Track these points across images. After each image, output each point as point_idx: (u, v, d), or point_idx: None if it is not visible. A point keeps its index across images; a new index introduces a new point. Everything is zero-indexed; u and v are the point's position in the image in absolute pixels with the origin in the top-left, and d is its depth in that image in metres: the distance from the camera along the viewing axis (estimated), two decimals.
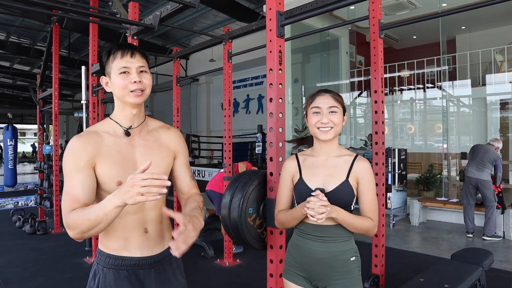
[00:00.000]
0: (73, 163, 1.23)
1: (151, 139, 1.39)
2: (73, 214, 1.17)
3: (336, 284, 1.53)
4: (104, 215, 1.11)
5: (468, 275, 2.71)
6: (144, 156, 1.33)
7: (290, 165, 1.64)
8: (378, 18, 2.81)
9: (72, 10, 3.13)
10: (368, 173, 1.54)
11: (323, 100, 1.55)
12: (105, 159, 1.26)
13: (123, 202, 1.08)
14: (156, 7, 9.60)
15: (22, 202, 8.34)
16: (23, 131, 39.50)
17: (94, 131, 1.31)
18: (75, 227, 1.15)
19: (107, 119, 1.38)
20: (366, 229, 1.52)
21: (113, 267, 1.30)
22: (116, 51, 1.30)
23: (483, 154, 5.27)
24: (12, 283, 3.79)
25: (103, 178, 1.26)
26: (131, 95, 1.29)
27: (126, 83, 1.28)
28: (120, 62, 1.29)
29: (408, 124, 9.87)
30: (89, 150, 1.25)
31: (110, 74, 1.32)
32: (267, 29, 1.93)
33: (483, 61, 8.21)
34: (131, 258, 1.31)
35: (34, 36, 12.48)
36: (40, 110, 6.88)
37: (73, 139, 1.28)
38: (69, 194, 1.21)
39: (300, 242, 1.59)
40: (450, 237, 5.47)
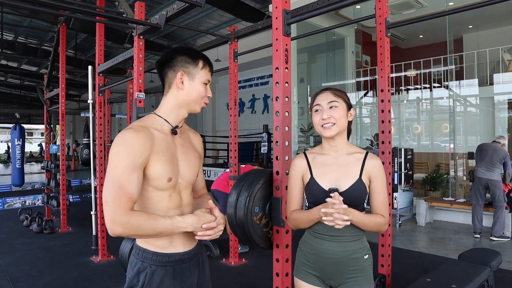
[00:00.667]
0: (131, 159, 1.22)
1: (186, 140, 1.48)
2: (136, 216, 1.18)
3: (350, 282, 1.53)
4: (170, 231, 1.26)
5: (476, 275, 2.69)
6: (184, 155, 1.41)
7: (299, 163, 1.63)
8: (385, 17, 2.79)
9: (79, 10, 3.15)
10: (380, 171, 1.54)
11: (323, 97, 1.56)
12: (159, 157, 1.29)
13: (194, 230, 1.29)
14: (162, 7, 9.63)
15: (29, 201, 8.41)
16: (30, 131, 39.84)
17: (145, 127, 1.31)
18: (133, 228, 1.18)
19: (153, 115, 1.39)
20: (378, 227, 1.53)
21: (160, 264, 1.33)
22: (208, 63, 1.43)
23: (491, 154, 5.22)
24: (20, 281, 3.82)
25: (155, 175, 1.29)
26: (200, 105, 1.43)
27: (204, 94, 1.41)
28: (208, 74, 1.42)
29: (415, 124, 9.81)
30: (147, 147, 1.26)
31: (193, 77, 1.39)
32: (273, 28, 1.92)
33: (490, 60, 8.14)
34: (176, 254, 1.36)
35: (42, 36, 12.59)
36: (47, 110, 6.93)
37: (129, 133, 1.25)
38: (123, 190, 1.19)
39: (314, 242, 1.57)
40: (457, 238, 5.43)
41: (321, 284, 1.58)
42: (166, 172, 1.30)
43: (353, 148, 1.60)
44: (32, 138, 41.19)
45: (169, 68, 1.39)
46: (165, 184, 1.31)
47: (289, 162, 1.92)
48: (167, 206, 1.34)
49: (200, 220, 1.29)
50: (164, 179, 1.30)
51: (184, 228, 1.27)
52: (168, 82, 1.40)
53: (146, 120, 1.37)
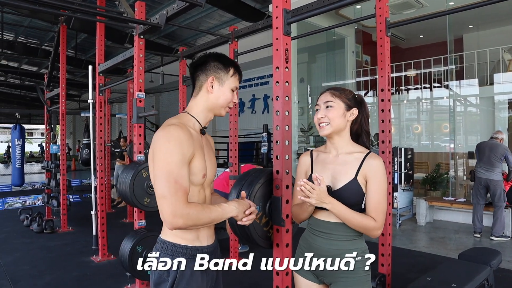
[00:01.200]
0: (181, 154, 1.29)
1: (207, 141, 1.56)
2: (194, 208, 1.27)
3: (340, 282, 1.53)
4: (221, 218, 1.36)
5: (476, 274, 2.69)
6: (208, 154, 1.48)
7: (304, 161, 1.70)
8: (385, 16, 2.79)
9: (79, 10, 3.15)
10: (378, 172, 1.49)
11: (322, 97, 1.60)
12: (199, 153, 1.38)
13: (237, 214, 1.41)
14: (162, 7, 9.64)
15: (29, 201, 8.41)
16: (30, 131, 39.84)
17: (183, 124, 1.38)
18: (194, 219, 1.26)
19: (186, 114, 1.47)
20: (365, 228, 1.47)
21: (190, 257, 1.40)
22: (238, 71, 1.52)
23: (489, 153, 5.20)
24: (20, 281, 3.82)
25: (194, 169, 1.36)
26: (226, 109, 1.52)
27: (231, 100, 1.50)
28: (236, 82, 1.51)
29: (415, 123, 9.81)
30: (191, 143, 1.33)
31: (223, 82, 1.46)
32: (273, 27, 1.92)
33: (491, 60, 8.14)
34: (202, 248, 1.43)
35: (42, 36, 12.59)
36: (47, 110, 6.93)
37: (175, 128, 1.31)
38: (178, 184, 1.26)
39: (310, 238, 1.61)
40: (457, 237, 5.43)
41: (316, 280, 1.60)
42: (203, 168, 1.39)
43: (355, 148, 1.58)
44: (32, 138, 41.19)
45: (201, 71, 1.46)
46: (199, 180, 1.39)
47: (289, 161, 1.92)
48: (196, 200, 1.40)
49: (240, 205, 1.41)
50: (200, 174, 1.39)
51: (231, 212, 1.38)
52: (199, 85, 1.47)
53: (182, 118, 1.44)
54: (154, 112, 3.31)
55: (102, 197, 4.50)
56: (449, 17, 7.42)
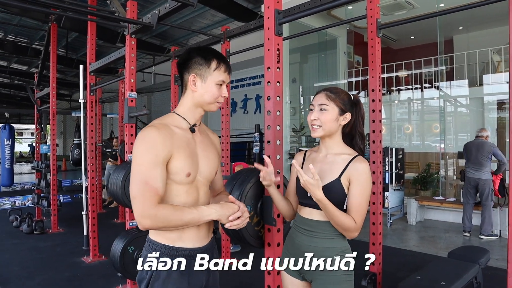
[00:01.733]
0: (153, 155, 1.27)
1: (206, 138, 1.52)
2: (163, 209, 1.25)
3: (318, 280, 1.55)
4: (197, 221, 1.32)
5: (465, 272, 2.73)
6: (203, 152, 1.46)
7: (297, 159, 1.73)
8: (376, 18, 2.82)
9: (70, 9, 3.13)
10: (361, 176, 1.50)
11: (317, 98, 1.60)
12: (179, 152, 1.34)
13: (218, 217, 1.34)
14: (154, 6, 9.60)
15: (19, 201, 8.32)
16: (20, 131, 39.36)
17: (166, 124, 1.37)
18: (161, 221, 1.24)
19: (173, 114, 1.45)
20: (345, 227, 1.48)
21: (168, 257, 1.36)
22: (223, 63, 1.43)
23: (476, 152, 5.25)
24: (10, 283, 3.78)
25: (175, 169, 1.33)
26: (215, 105, 1.46)
27: (218, 95, 1.44)
28: (222, 75, 1.43)
29: (406, 124, 9.89)
30: (168, 144, 1.31)
31: (205, 78, 1.41)
32: (265, 27, 1.93)
33: (480, 61, 8.24)
34: (185, 249, 1.38)
35: (32, 35, 12.44)
36: (37, 109, 6.86)
37: (151, 130, 1.31)
38: (148, 185, 1.25)
39: (293, 235, 1.65)
40: (447, 236, 5.49)
41: (299, 277, 1.63)
42: (186, 167, 1.35)
43: (345, 150, 1.60)
44: (22, 138, 40.70)
45: (185, 70, 1.43)
46: (183, 178, 1.36)
47: (280, 161, 1.93)
48: (184, 201, 1.37)
49: (223, 207, 1.35)
50: (183, 173, 1.35)
51: (210, 215, 1.32)
52: (185, 83, 1.45)
53: (166, 118, 1.43)
54: (145, 111, 3.30)
55: (93, 197, 4.48)
56: (439, 18, 7.50)
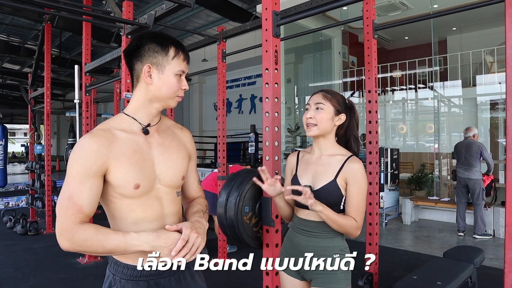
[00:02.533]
0: (83, 167, 1.10)
1: (168, 138, 1.30)
2: (82, 231, 1.07)
3: (317, 279, 1.57)
4: (123, 250, 1.09)
5: (460, 272, 2.75)
6: (163, 155, 1.25)
7: (291, 160, 1.73)
8: (372, 19, 2.84)
9: (65, 9, 3.11)
10: (357, 175, 1.53)
11: (314, 97, 1.61)
12: (121, 161, 1.14)
13: (152, 249, 1.10)
14: (149, 6, 9.56)
15: (12, 202, 8.24)
16: (12, 131, 39.02)
17: (107, 129, 1.18)
18: (78, 244, 1.07)
19: (121, 114, 1.24)
20: (348, 229, 1.52)
21: (132, 278, 1.20)
22: (181, 50, 1.24)
23: (465, 153, 5.28)
24: (4, 284, 3.75)
25: (118, 182, 1.14)
26: (175, 100, 1.25)
27: (178, 87, 1.23)
28: (181, 64, 1.23)
29: (400, 124, 9.96)
30: (103, 153, 1.12)
31: (162, 68, 1.20)
32: (263, 29, 1.94)
33: (473, 62, 8.32)
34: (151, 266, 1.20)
35: (24, 34, 12.34)
36: (31, 109, 6.81)
37: (85, 138, 1.14)
38: (72, 201, 1.09)
39: (291, 235, 1.66)
40: (441, 236, 5.53)
41: (298, 277, 1.64)
42: (131, 177, 1.15)
43: (339, 150, 1.61)
44: (14, 138, 40.35)
45: (136, 59, 1.22)
46: (132, 192, 1.15)
47: (278, 162, 1.94)
48: (142, 217, 1.19)
49: (159, 238, 1.10)
50: (129, 185, 1.15)
51: (139, 246, 1.09)
52: (136, 75, 1.23)
53: (112, 121, 1.23)
54: None
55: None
56: (433, 19, 7.55)
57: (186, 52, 1.26)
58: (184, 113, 15.73)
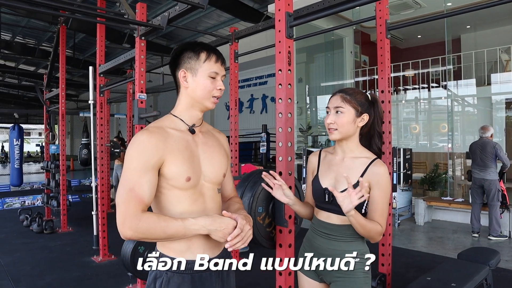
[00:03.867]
0: (142, 161, 1.19)
1: (210, 138, 1.41)
2: (145, 219, 1.15)
3: (337, 282, 1.56)
4: (183, 234, 1.19)
5: (475, 274, 2.72)
6: (206, 154, 1.35)
7: (312, 160, 1.73)
8: (385, 19, 2.82)
9: (79, 11, 3.16)
10: (382, 180, 1.50)
11: (333, 100, 1.58)
12: (175, 155, 1.25)
13: (208, 233, 1.21)
14: (161, 7, 9.64)
15: (28, 201, 8.40)
16: (28, 131, 39.70)
17: (161, 127, 1.29)
18: (142, 231, 1.14)
19: (169, 115, 1.36)
20: (373, 234, 1.48)
21: (177, 271, 1.26)
22: (213, 53, 1.32)
23: (480, 153, 5.19)
24: (21, 281, 3.83)
25: (172, 174, 1.24)
26: (211, 100, 1.34)
27: (212, 88, 1.32)
28: (213, 66, 1.32)
29: (413, 123, 9.86)
30: (160, 148, 1.22)
31: (195, 72, 1.31)
32: (276, 30, 1.94)
33: (488, 60, 8.19)
34: (195, 261, 1.28)
35: (40, 36, 12.56)
36: (47, 110, 6.93)
37: (142, 134, 1.23)
38: (134, 192, 1.17)
39: (311, 237, 1.65)
40: (455, 237, 5.47)
41: (318, 279, 1.64)
42: (184, 170, 1.26)
43: (363, 153, 1.58)
44: (30, 138, 41.06)
45: (176, 67, 1.35)
46: (183, 184, 1.26)
47: (292, 163, 1.94)
48: (188, 208, 1.28)
49: (215, 222, 1.21)
50: (182, 178, 1.25)
51: (197, 230, 1.19)
52: (178, 82, 1.36)
53: (163, 121, 1.34)
54: (155, 113, 3.32)
55: (102, 197, 4.51)
56: (447, 18, 7.45)
57: (219, 55, 1.34)
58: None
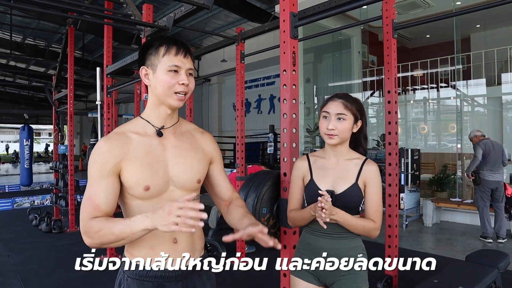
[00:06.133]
0: (98, 168, 1.16)
1: (185, 140, 1.31)
2: (94, 223, 1.12)
3: (342, 280, 1.57)
4: (130, 233, 1.09)
5: (483, 277, 2.68)
6: (178, 157, 1.26)
7: (301, 165, 1.69)
8: (392, 18, 2.80)
9: (87, 13, 3.19)
10: (376, 177, 1.58)
11: (333, 106, 1.59)
12: (132, 163, 1.18)
13: (154, 227, 1.05)
14: (168, 8, 9.68)
15: (38, 201, 8.50)
16: (38, 131, 40.17)
17: (122, 132, 1.23)
18: (94, 236, 1.12)
19: (138, 118, 1.29)
20: (367, 231, 1.55)
21: (137, 278, 1.22)
22: (171, 46, 1.21)
23: (494, 154, 5.06)
24: (30, 280, 3.87)
25: (129, 183, 1.18)
26: (174, 97, 1.22)
27: (173, 83, 1.21)
28: (173, 60, 1.20)
29: (421, 124, 9.77)
30: (116, 154, 1.17)
31: (155, 67, 1.22)
32: (280, 31, 1.94)
33: (498, 60, 8.08)
34: (158, 270, 1.22)
35: (49, 38, 12.69)
36: (55, 110, 7.00)
37: (100, 141, 1.21)
38: (90, 200, 1.16)
39: (310, 240, 1.63)
40: (464, 239, 5.40)
41: (316, 282, 1.63)
42: (141, 179, 1.18)
43: (353, 155, 1.64)
44: (39, 138, 41.55)
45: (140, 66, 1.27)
46: (142, 193, 1.18)
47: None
48: None
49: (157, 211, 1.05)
50: (139, 187, 1.18)
51: (141, 223, 1.06)
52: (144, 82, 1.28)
53: (128, 124, 1.27)
54: None
55: None
56: (456, 17, 7.37)
57: (180, 46, 1.23)
58: (203, 113, 15.86)
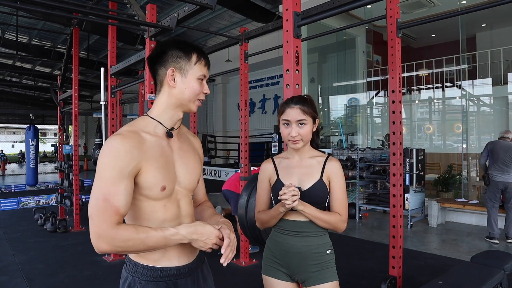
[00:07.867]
0: (117, 169, 1.11)
1: (185, 143, 1.36)
2: (122, 231, 1.07)
3: (313, 276, 1.61)
4: (164, 245, 1.14)
5: (489, 278, 2.65)
6: (182, 159, 1.30)
7: (267, 167, 1.73)
8: (396, 17, 2.78)
9: (91, 13, 3.20)
10: (338, 173, 1.66)
11: (292, 113, 1.61)
12: (151, 163, 1.18)
13: (189, 242, 1.16)
14: (173, 8, 9.70)
15: (43, 200, 8.55)
16: (43, 131, 40.43)
17: (135, 131, 1.20)
18: (119, 245, 1.07)
19: (146, 117, 1.28)
20: (333, 223, 1.60)
21: (152, 279, 1.22)
22: (203, 56, 1.29)
23: (504, 155, 5.06)
24: (35, 279, 3.89)
25: (147, 184, 1.18)
26: (196, 103, 1.30)
27: (200, 91, 1.28)
28: (203, 69, 1.28)
29: (427, 123, 9.72)
30: (135, 155, 1.14)
31: (185, 73, 1.26)
32: (283, 30, 1.93)
33: (504, 59, 8.03)
34: (170, 268, 1.24)
35: (55, 38, 12.78)
36: (60, 111, 7.04)
37: (115, 139, 1.14)
38: (108, 203, 1.09)
39: (279, 239, 1.67)
40: (469, 240, 5.36)
41: (289, 279, 1.67)
42: (159, 180, 1.19)
43: (315, 152, 1.71)
44: (45, 138, 41.82)
45: (159, 64, 1.27)
46: (158, 193, 1.20)
47: None
48: (163, 218, 1.23)
49: (197, 231, 1.16)
50: (156, 187, 1.19)
51: (179, 240, 1.15)
52: (160, 80, 1.28)
53: (137, 123, 1.26)
54: None
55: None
56: (461, 16, 7.32)
57: (207, 58, 1.31)
58: (208, 113, 15.89)
